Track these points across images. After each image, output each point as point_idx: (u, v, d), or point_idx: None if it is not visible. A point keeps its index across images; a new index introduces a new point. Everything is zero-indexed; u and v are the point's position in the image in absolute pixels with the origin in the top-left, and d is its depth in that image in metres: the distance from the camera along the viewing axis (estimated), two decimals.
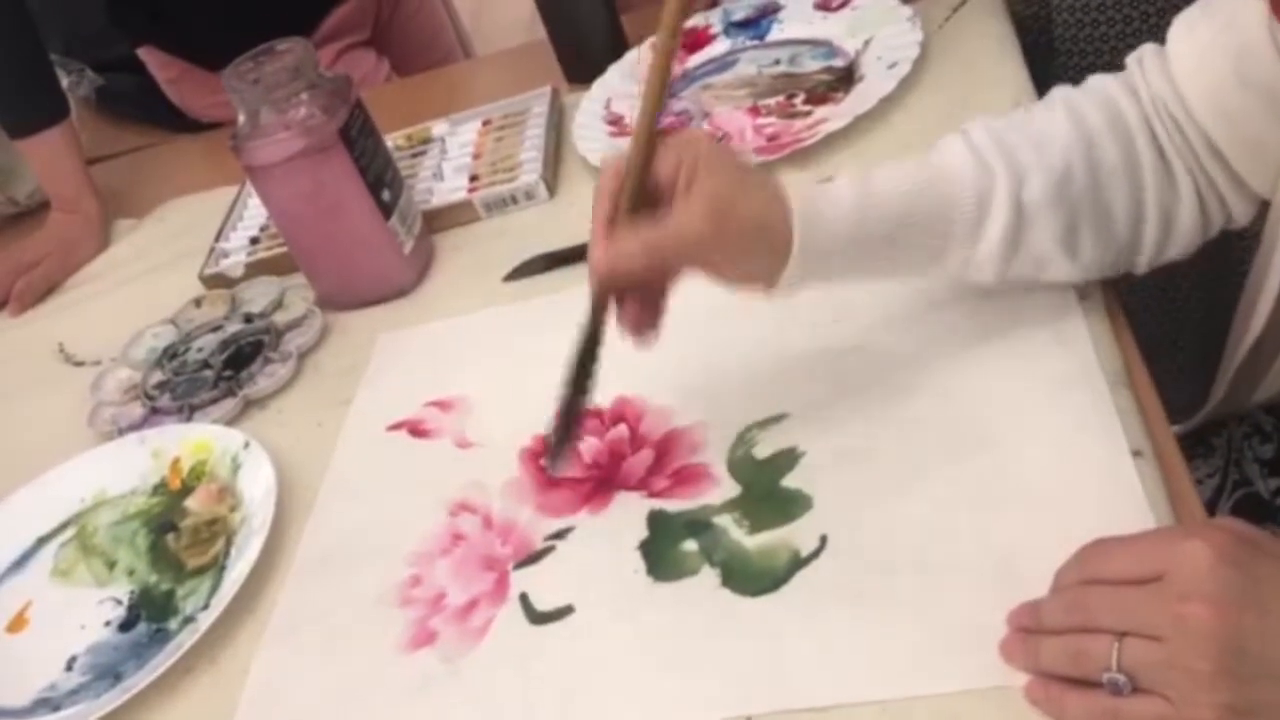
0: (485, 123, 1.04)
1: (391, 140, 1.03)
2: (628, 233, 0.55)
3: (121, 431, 0.82)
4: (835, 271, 0.59)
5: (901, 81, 0.85)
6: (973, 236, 0.58)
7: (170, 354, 0.88)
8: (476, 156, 0.99)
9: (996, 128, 0.60)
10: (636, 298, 0.58)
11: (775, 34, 1.00)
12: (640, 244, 0.55)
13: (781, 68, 0.96)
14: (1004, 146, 0.58)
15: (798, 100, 0.91)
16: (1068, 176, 0.58)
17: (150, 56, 1.33)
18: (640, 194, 0.56)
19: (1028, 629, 0.49)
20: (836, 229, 0.57)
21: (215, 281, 0.96)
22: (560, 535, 0.63)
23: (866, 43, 0.92)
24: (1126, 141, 0.59)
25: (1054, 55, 0.93)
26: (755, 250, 0.56)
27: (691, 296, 0.75)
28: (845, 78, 0.91)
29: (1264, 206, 0.59)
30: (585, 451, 0.67)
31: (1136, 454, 0.54)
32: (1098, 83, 0.61)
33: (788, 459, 0.62)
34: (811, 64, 0.95)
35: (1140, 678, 0.44)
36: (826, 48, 0.95)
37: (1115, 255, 0.60)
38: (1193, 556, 0.43)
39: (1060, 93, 0.61)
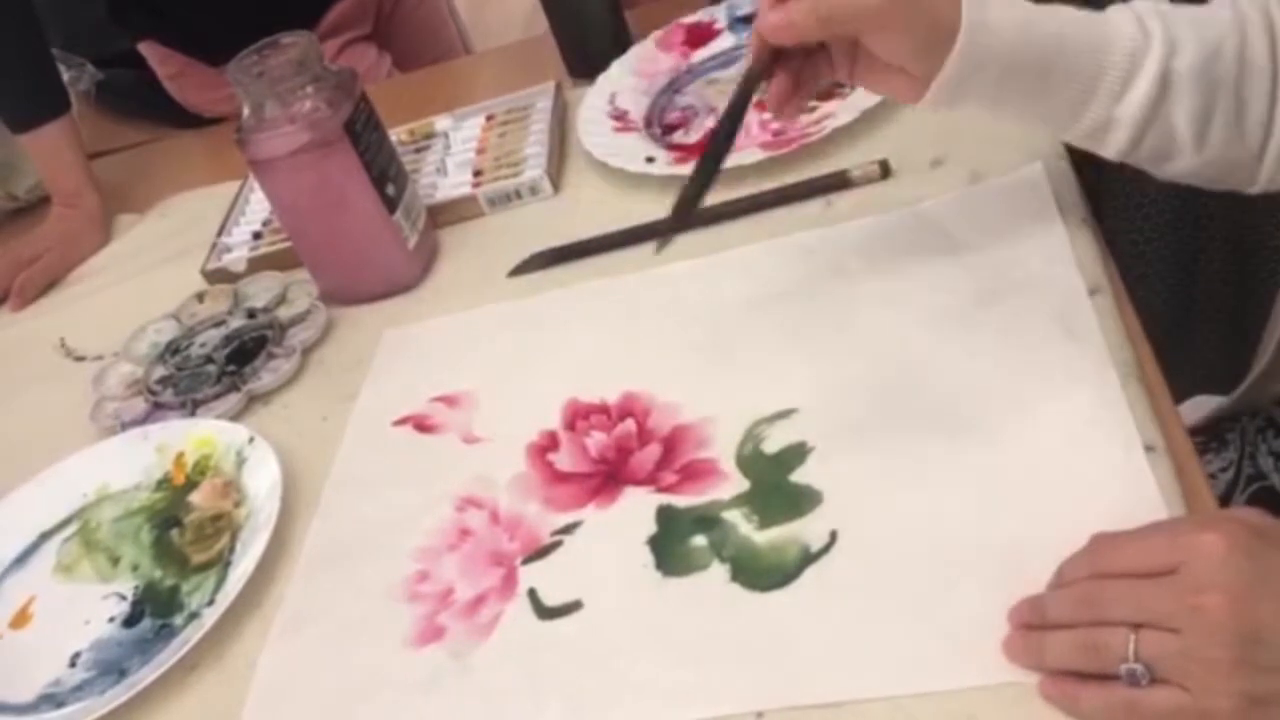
0: (489, 118, 1.03)
1: (395, 135, 1.02)
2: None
3: (124, 426, 0.81)
4: (987, 90, 0.58)
5: None
6: (1118, 92, 0.58)
7: (173, 349, 0.88)
8: (480, 152, 0.98)
9: (1161, 3, 0.60)
10: (790, 73, 0.59)
11: None
12: (815, 2, 0.55)
13: None
14: (1163, 17, 0.59)
15: None
16: (1216, 56, 0.57)
17: (151, 52, 1.33)
18: None
19: (1031, 625, 0.49)
20: (1000, 36, 0.56)
21: (218, 276, 0.96)
22: (568, 530, 0.63)
23: None
24: (1274, 46, 0.58)
25: None
26: (922, 34, 0.56)
27: (696, 291, 0.76)
28: None
29: None
30: (592, 446, 0.67)
31: (1149, 449, 0.54)
32: None
33: (797, 454, 0.62)
34: None
35: (1157, 668, 0.44)
36: None
37: (1238, 158, 0.60)
38: (1207, 548, 0.43)
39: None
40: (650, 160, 0.87)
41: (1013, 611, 0.50)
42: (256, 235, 0.99)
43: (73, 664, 0.66)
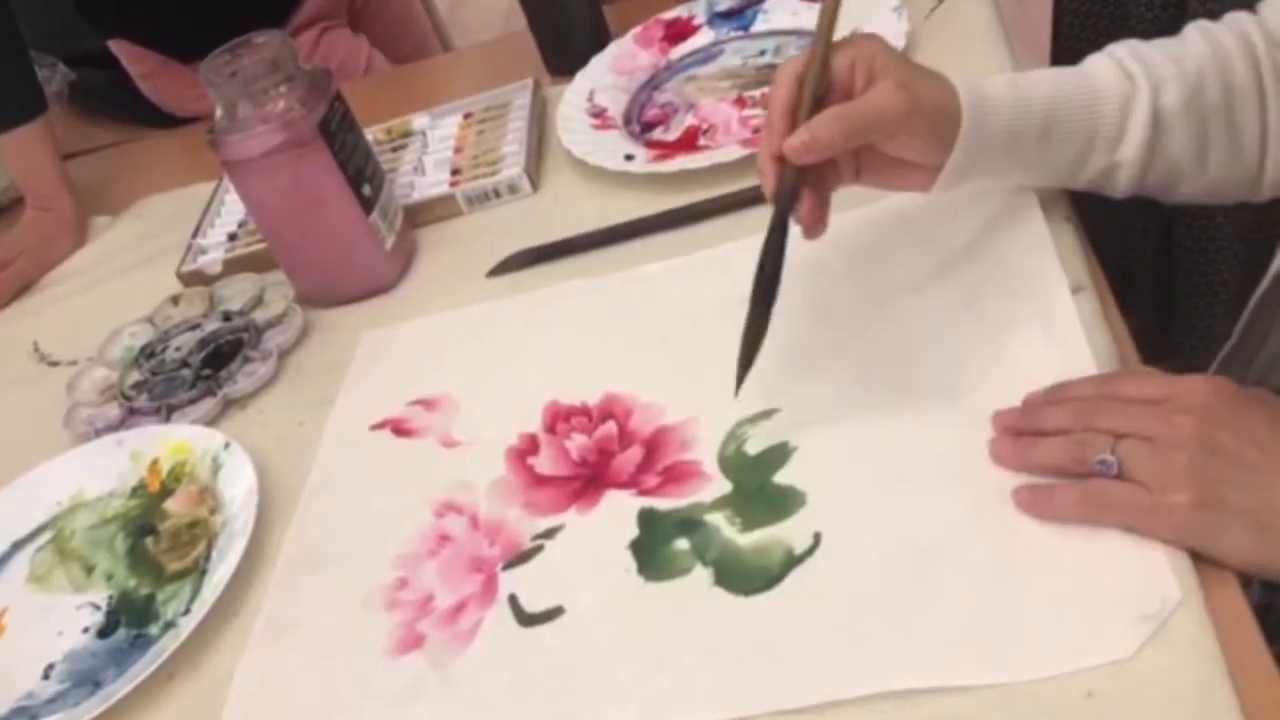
0: (466, 116, 1.02)
1: (371, 134, 1.01)
2: (822, 114, 0.58)
3: (98, 433, 0.80)
4: (991, 166, 0.62)
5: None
6: (1115, 141, 0.61)
7: (148, 353, 0.87)
8: (458, 150, 0.97)
9: (1135, 45, 0.63)
10: (812, 192, 0.60)
11: (760, 25, 0.99)
12: (834, 117, 0.57)
13: (767, 59, 0.95)
14: (1142, 58, 0.61)
15: None
16: (1200, 87, 0.61)
17: (122, 50, 1.31)
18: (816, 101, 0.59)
19: (1022, 432, 0.55)
20: (998, 119, 0.60)
21: (193, 279, 0.94)
22: (549, 534, 0.62)
23: (853, 33, 0.91)
24: (1255, 66, 0.61)
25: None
26: (934, 130, 0.59)
27: (677, 290, 0.75)
28: None
29: None
30: (573, 449, 0.66)
31: None
32: (1231, 16, 0.64)
33: (779, 455, 0.61)
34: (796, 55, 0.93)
35: (1126, 466, 0.51)
36: (812, 38, 0.94)
37: (1239, 175, 0.63)
38: (1195, 385, 0.52)
39: (1196, 23, 0.64)
40: (629, 158, 0.86)
41: (1001, 415, 0.57)
42: (232, 237, 0.98)
43: (46, 676, 0.65)
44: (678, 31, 1.01)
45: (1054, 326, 0.61)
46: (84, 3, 1.27)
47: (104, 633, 0.66)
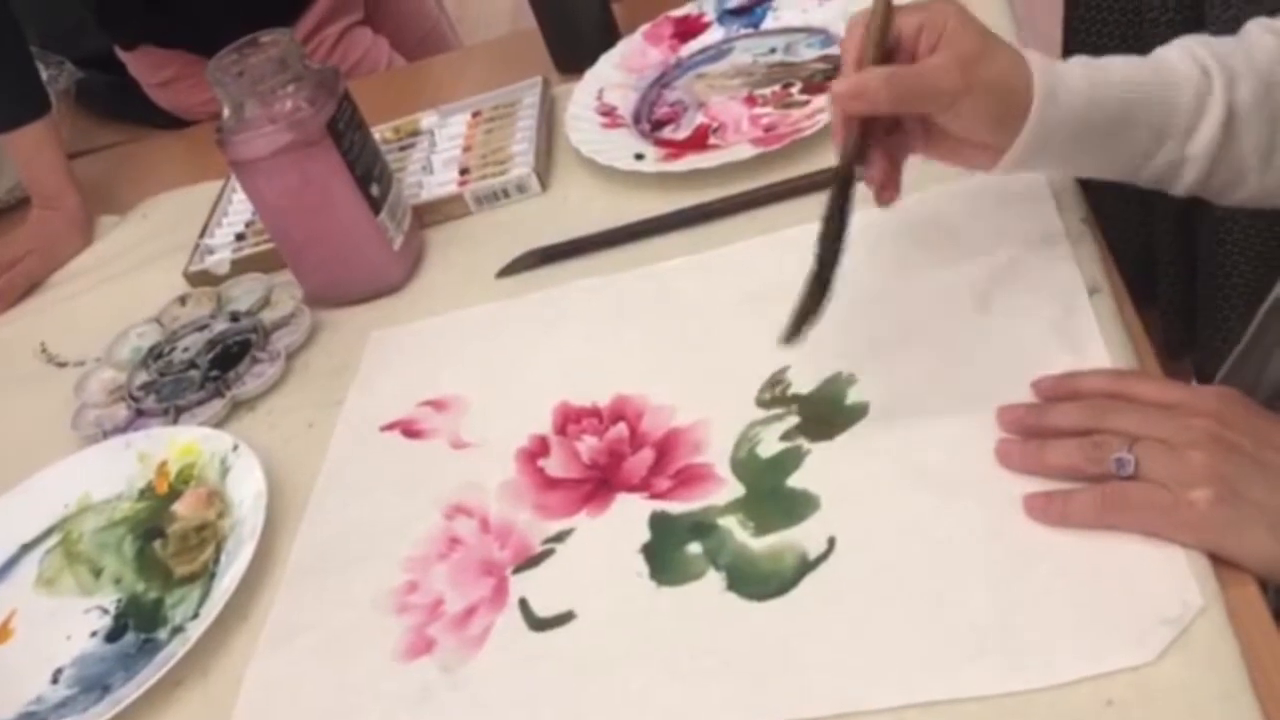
0: (475, 114, 1.02)
1: (379, 133, 1.01)
2: (876, 68, 0.56)
3: (106, 434, 0.80)
4: (1058, 153, 0.59)
5: None
6: (1187, 134, 0.58)
7: (155, 354, 0.86)
8: (466, 149, 0.97)
9: (1207, 39, 0.60)
10: (882, 154, 0.59)
11: (770, 22, 0.98)
12: (886, 75, 0.56)
13: (777, 56, 0.94)
14: (1216, 51, 0.59)
15: (794, 90, 0.89)
16: (1275, 84, 0.58)
17: (143, 59, 1.30)
18: (881, 54, 0.57)
19: (1031, 432, 0.55)
20: (1071, 104, 0.57)
21: (200, 279, 0.94)
22: (559, 538, 0.62)
23: None
24: None
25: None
26: (994, 112, 0.57)
27: (688, 290, 0.74)
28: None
29: None
30: (583, 451, 0.66)
31: None
32: None
33: (793, 457, 0.60)
34: (807, 53, 0.93)
35: (1144, 467, 0.50)
36: (822, 36, 0.94)
37: None
38: (1208, 393, 0.52)
39: (1256, 20, 0.62)
40: (639, 157, 0.86)
41: (1007, 411, 0.56)
42: (240, 236, 0.97)
43: (55, 680, 0.65)
44: (687, 29, 1.00)
45: (1070, 328, 0.60)
46: (106, 16, 1.27)
47: (112, 637, 0.66)
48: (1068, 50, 1.07)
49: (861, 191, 0.64)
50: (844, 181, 0.58)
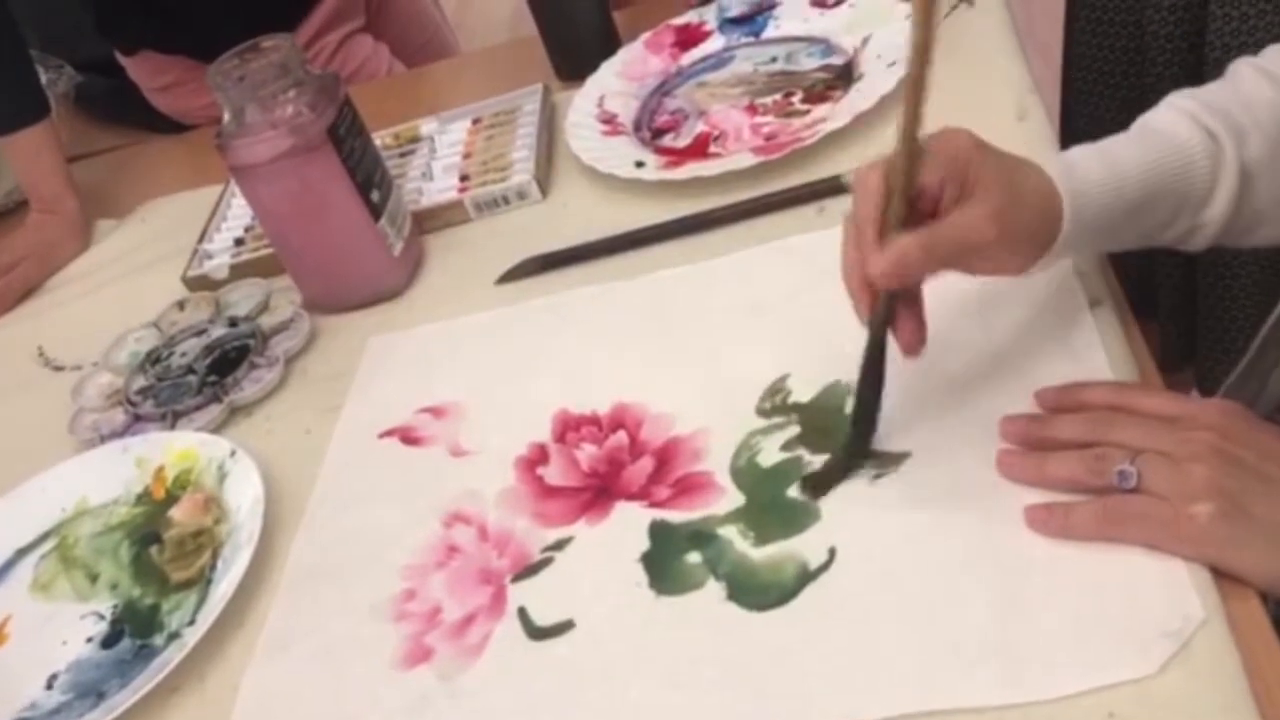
0: (475, 121, 1.02)
1: (379, 139, 1.01)
2: (906, 237, 0.53)
3: (103, 439, 0.79)
4: (1078, 249, 0.59)
5: (901, 81, 0.83)
6: (1203, 203, 0.58)
7: (153, 358, 0.86)
8: (467, 156, 0.97)
9: (1201, 96, 0.59)
10: (909, 311, 0.57)
11: (771, 31, 0.98)
12: (923, 245, 0.53)
13: (778, 65, 0.94)
14: (1217, 111, 0.58)
15: (795, 99, 0.89)
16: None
17: (143, 65, 1.30)
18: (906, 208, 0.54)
19: (1032, 444, 0.55)
20: (1094, 213, 0.56)
21: (199, 284, 0.94)
22: (558, 546, 0.61)
23: (865, 40, 0.90)
24: None
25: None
26: (1026, 245, 0.56)
27: (688, 299, 0.74)
28: (843, 76, 0.89)
29: None
30: (583, 459, 0.66)
31: None
32: (1275, 51, 0.61)
33: (793, 467, 0.60)
34: (808, 62, 0.93)
35: (1146, 480, 0.50)
36: (823, 45, 0.94)
37: None
38: (1210, 407, 0.52)
39: (1245, 61, 0.61)
40: (640, 165, 0.85)
41: (1009, 422, 0.56)
42: (239, 241, 0.97)
43: (49, 686, 0.64)
44: (689, 37, 1.01)
45: (1072, 342, 0.60)
46: (105, 21, 1.27)
47: (108, 643, 0.66)
48: (1068, 61, 1.08)
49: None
50: (878, 348, 0.57)
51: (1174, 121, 0.58)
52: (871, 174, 0.55)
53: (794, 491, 0.59)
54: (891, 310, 0.56)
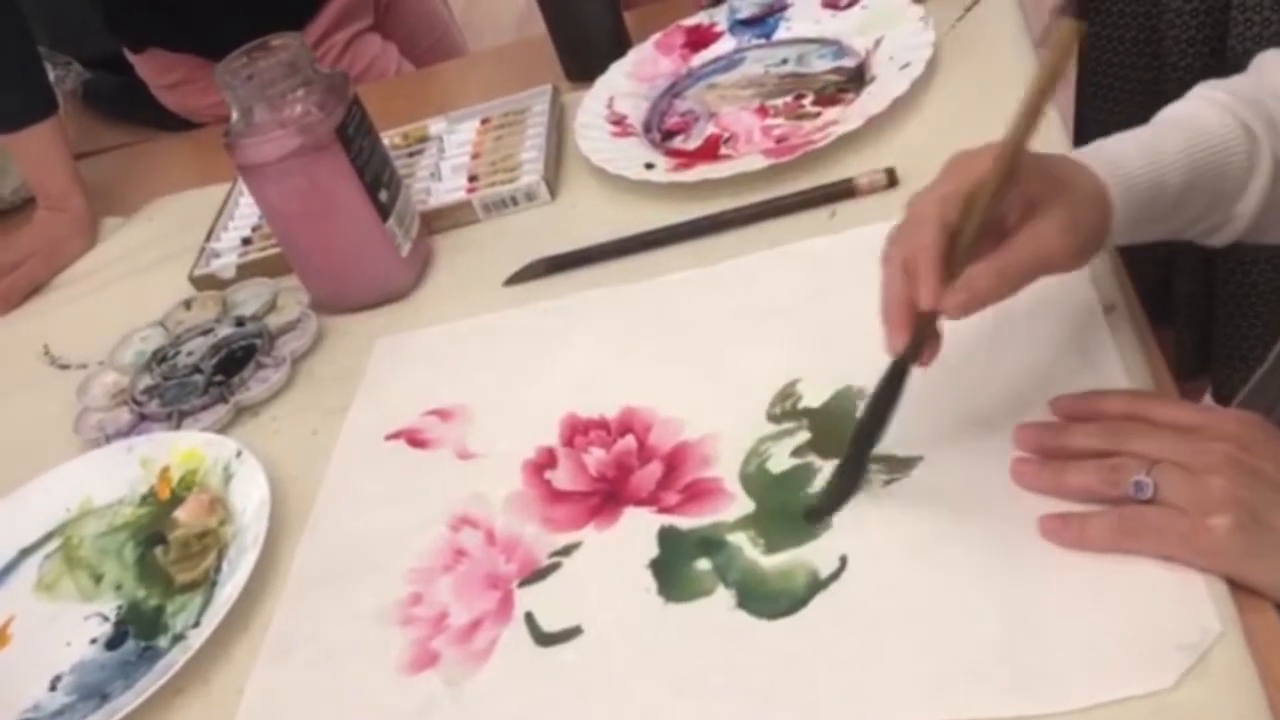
0: (484, 121, 1.01)
1: (387, 139, 1.00)
2: (976, 266, 0.52)
3: (109, 438, 0.79)
4: (1121, 240, 0.58)
5: (913, 83, 0.82)
6: (1237, 194, 0.58)
7: (159, 358, 0.86)
8: (475, 156, 0.96)
9: (1230, 88, 0.59)
10: (936, 337, 0.56)
11: (782, 33, 0.97)
12: (997, 273, 0.52)
13: (789, 67, 0.93)
14: (1248, 102, 0.57)
15: (806, 101, 0.88)
16: None
17: (151, 62, 1.30)
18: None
19: (1048, 453, 0.54)
20: (1139, 207, 0.56)
21: (206, 283, 0.93)
22: (566, 552, 0.61)
23: (877, 42, 0.90)
24: None
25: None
26: (1093, 246, 0.55)
27: (698, 302, 0.74)
28: (855, 78, 0.89)
29: None
30: (591, 464, 0.65)
31: None
32: None
33: (804, 474, 0.60)
34: (820, 64, 0.92)
35: (1163, 491, 0.49)
36: (835, 47, 0.93)
37: None
38: (1228, 417, 0.52)
39: (1272, 52, 0.61)
40: (650, 166, 0.85)
41: (1024, 430, 0.55)
42: (246, 240, 0.97)
43: (53, 687, 0.64)
44: (699, 38, 1.00)
45: (1086, 347, 0.60)
46: (114, 18, 1.26)
47: (112, 644, 0.65)
48: (1082, 64, 1.07)
49: (876, 213, 0.63)
50: (898, 375, 0.56)
51: (1209, 113, 0.57)
52: (927, 204, 0.53)
53: (806, 498, 0.58)
54: (920, 347, 0.55)
